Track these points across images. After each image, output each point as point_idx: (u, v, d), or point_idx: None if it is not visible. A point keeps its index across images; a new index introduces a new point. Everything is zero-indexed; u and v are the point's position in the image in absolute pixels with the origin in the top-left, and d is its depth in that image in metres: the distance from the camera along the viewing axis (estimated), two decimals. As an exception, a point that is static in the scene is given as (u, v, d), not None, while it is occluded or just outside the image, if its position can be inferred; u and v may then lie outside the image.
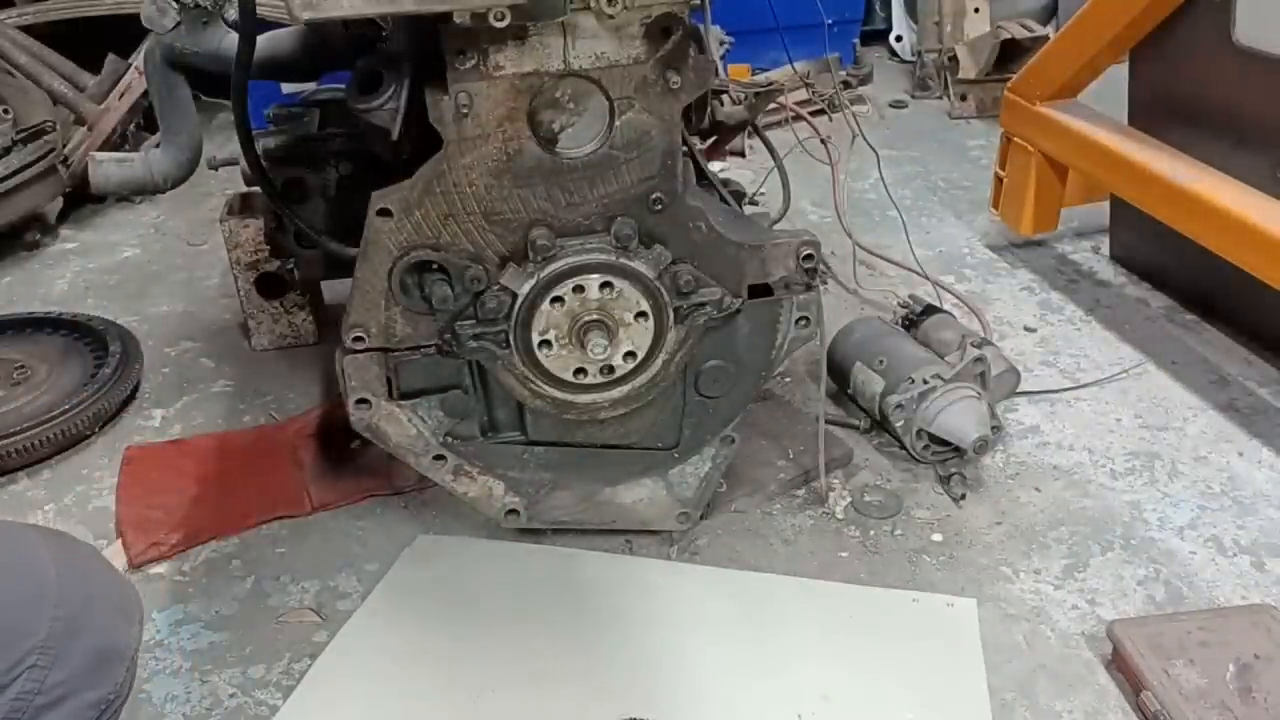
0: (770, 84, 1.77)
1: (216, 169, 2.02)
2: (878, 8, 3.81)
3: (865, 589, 1.44)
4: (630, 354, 1.32)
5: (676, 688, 1.28)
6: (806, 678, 1.29)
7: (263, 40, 1.58)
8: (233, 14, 1.63)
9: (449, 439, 1.39)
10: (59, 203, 2.67)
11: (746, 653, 1.33)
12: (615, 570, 1.47)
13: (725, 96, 1.66)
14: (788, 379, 1.86)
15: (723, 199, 1.44)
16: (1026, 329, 2.07)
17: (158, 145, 1.70)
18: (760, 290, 1.35)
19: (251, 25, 1.27)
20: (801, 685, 1.28)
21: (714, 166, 1.70)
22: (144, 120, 2.86)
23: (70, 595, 0.89)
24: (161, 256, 2.53)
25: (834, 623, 1.38)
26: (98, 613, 0.90)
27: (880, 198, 2.47)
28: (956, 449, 1.62)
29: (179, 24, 1.59)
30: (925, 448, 1.65)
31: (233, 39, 1.60)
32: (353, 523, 1.60)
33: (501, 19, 1.05)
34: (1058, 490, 1.63)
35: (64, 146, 2.63)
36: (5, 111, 2.45)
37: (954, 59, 3.27)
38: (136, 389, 1.93)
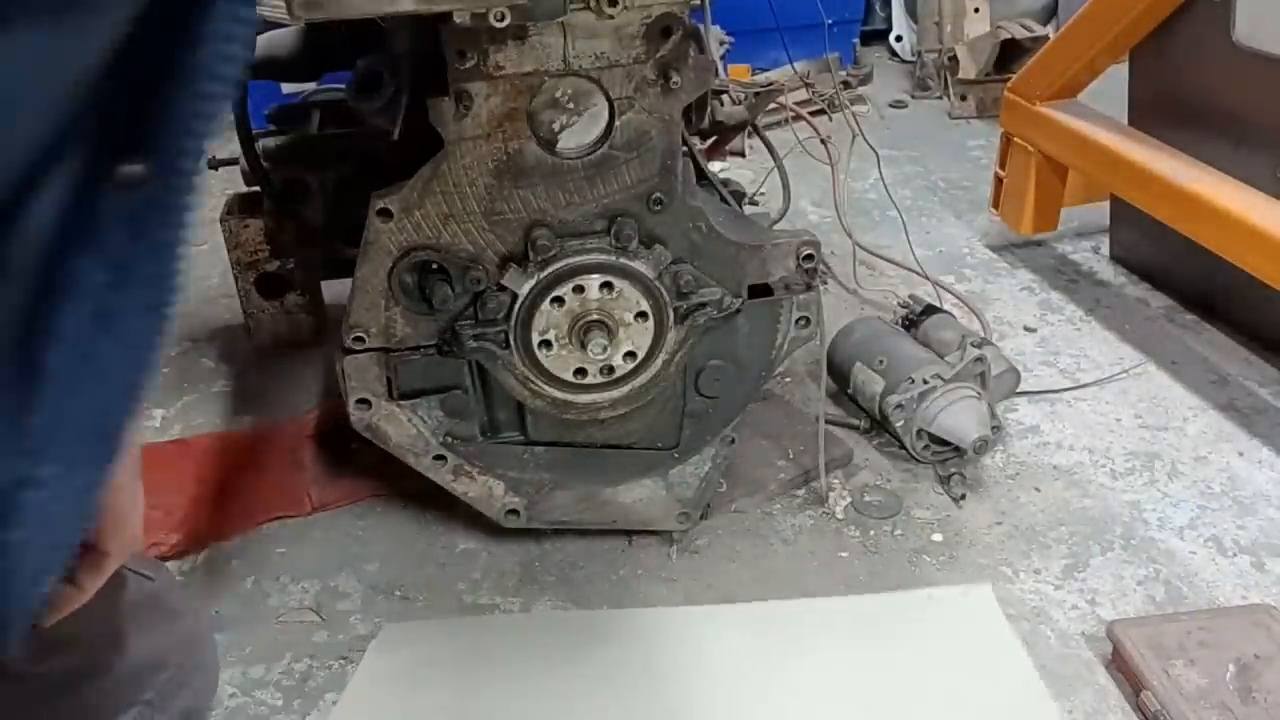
0: (770, 84, 1.77)
1: (216, 169, 2.02)
2: (878, 8, 3.81)
3: (875, 597, 1.40)
4: (630, 354, 1.32)
5: None
6: (854, 701, 1.25)
7: (262, 40, 1.58)
8: (233, 14, 1.63)
9: (449, 439, 1.39)
10: (59, 203, 2.66)
11: (778, 686, 1.27)
12: (604, 626, 1.40)
13: (725, 96, 1.66)
14: (788, 379, 1.86)
15: (723, 199, 1.44)
16: (1026, 329, 2.07)
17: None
18: (760, 290, 1.35)
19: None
20: (850, 709, 1.24)
21: (714, 166, 1.70)
22: (144, 120, 2.85)
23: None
24: (161, 256, 2.53)
25: (857, 638, 1.33)
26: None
27: (880, 198, 2.47)
28: (956, 449, 1.62)
29: (179, 24, 1.59)
30: (925, 448, 1.65)
31: (233, 39, 1.60)
32: (353, 523, 1.60)
33: (501, 19, 1.05)
34: (1058, 490, 1.63)
35: (64, 146, 2.63)
36: (5, 111, 2.44)
37: (954, 59, 3.27)
38: (136, 389, 1.93)
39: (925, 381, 1.63)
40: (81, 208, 0.49)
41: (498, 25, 1.05)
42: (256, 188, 1.74)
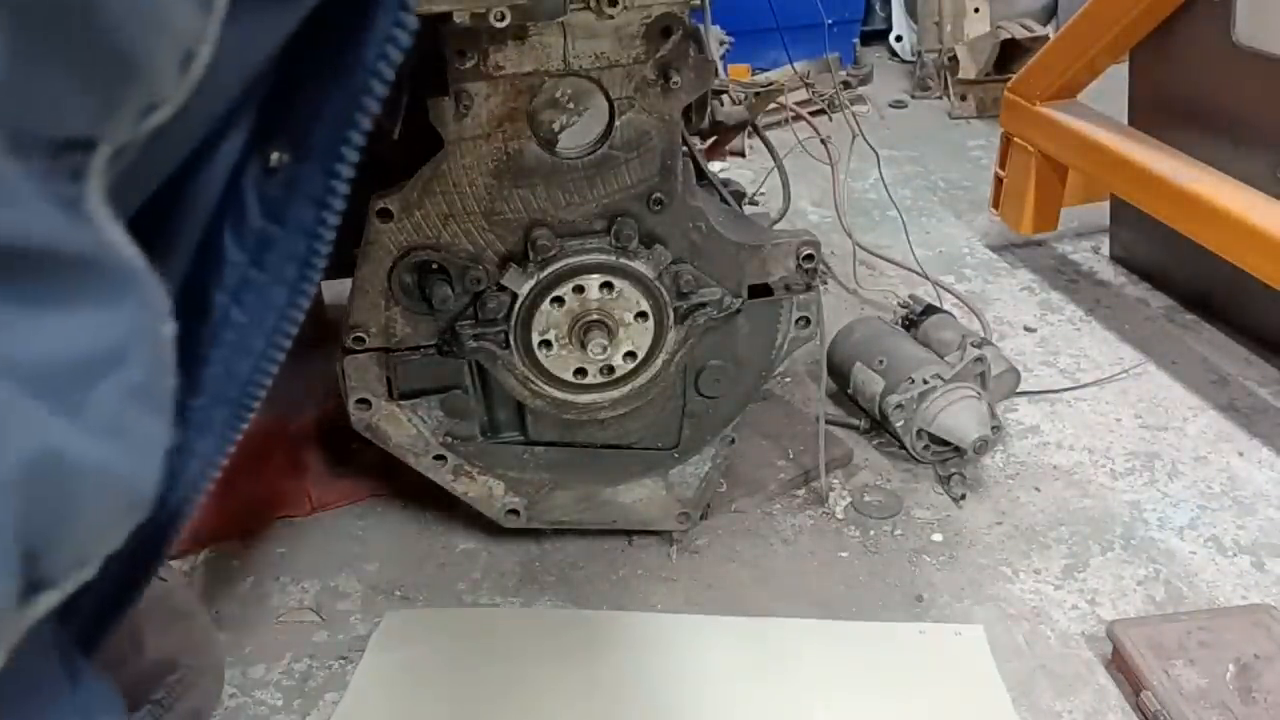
0: (770, 84, 1.77)
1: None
2: (878, 8, 3.82)
3: (869, 625, 1.39)
4: (630, 354, 1.32)
5: None
6: None
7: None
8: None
9: (449, 439, 1.39)
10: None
11: (763, 705, 1.28)
12: (604, 628, 1.40)
13: (725, 96, 1.66)
14: (788, 379, 1.87)
15: (723, 199, 1.44)
16: (1026, 329, 2.07)
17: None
18: (760, 290, 1.35)
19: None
20: None
21: (714, 166, 1.70)
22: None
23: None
24: (161, 256, 2.53)
25: (846, 667, 1.33)
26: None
27: (880, 198, 2.47)
28: (956, 449, 1.62)
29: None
30: (925, 448, 1.65)
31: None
32: (353, 523, 1.60)
33: (501, 19, 1.05)
34: (1058, 490, 1.63)
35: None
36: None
37: (954, 59, 3.27)
38: (136, 389, 1.93)
39: (925, 381, 1.63)
40: (232, 187, 0.52)
41: (498, 25, 1.05)
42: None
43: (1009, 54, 3.12)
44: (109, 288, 0.39)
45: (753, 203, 2.03)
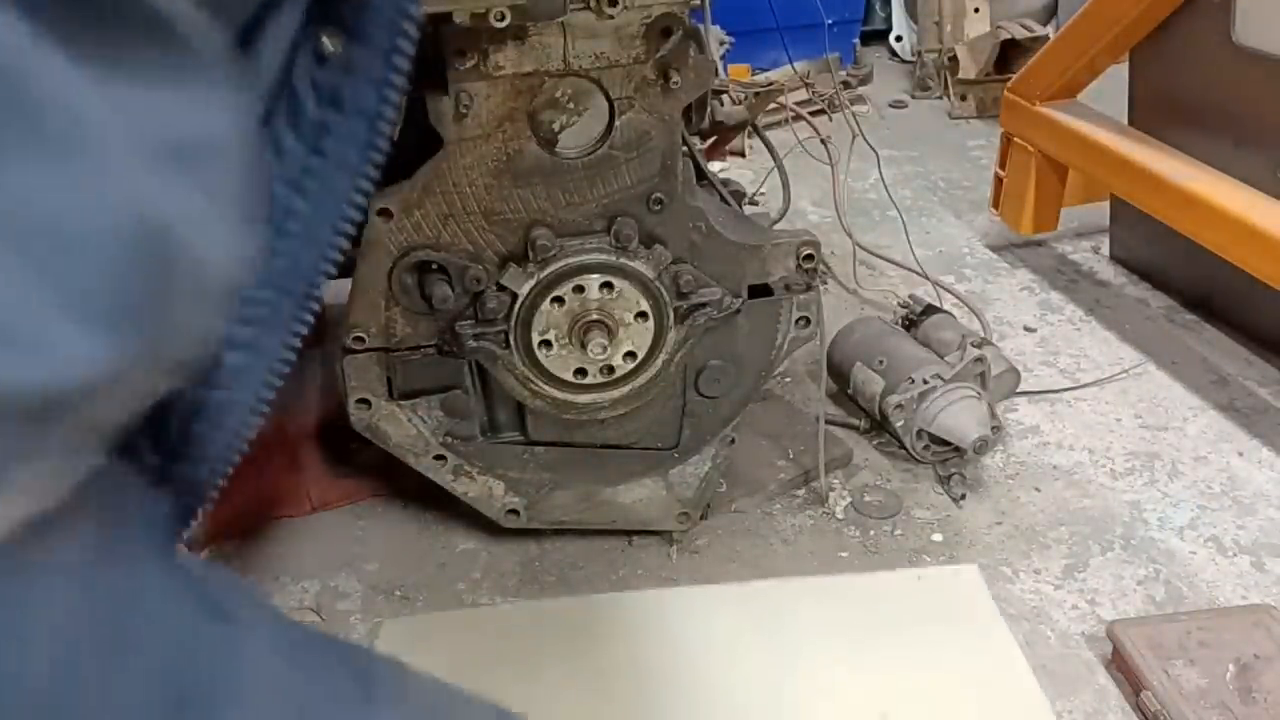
0: (770, 84, 1.77)
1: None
2: (878, 8, 3.81)
3: (867, 576, 1.44)
4: (630, 354, 1.32)
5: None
6: (852, 691, 1.26)
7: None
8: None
9: (449, 439, 1.39)
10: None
11: (770, 664, 1.29)
12: (602, 612, 1.41)
13: (725, 96, 1.66)
14: (788, 379, 1.87)
15: (723, 199, 1.44)
16: (1026, 329, 2.07)
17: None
18: (760, 290, 1.35)
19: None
20: (851, 700, 1.25)
21: (714, 166, 1.70)
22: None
23: None
24: (161, 256, 2.53)
25: (848, 617, 1.36)
26: None
27: (880, 198, 2.47)
28: (956, 449, 1.62)
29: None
30: (925, 448, 1.65)
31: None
32: (353, 522, 1.60)
33: (501, 19, 1.05)
34: (1058, 490, 1.63)
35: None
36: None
37: (954, 59, 3.27)
38: (136, 389, 1.93)
39: (925, 381, 1.63)
40: (285, 72, 0.52)
41: (498, 25, 1.05)
42: (256, 188, 1.74)
43: (1009, 54, 3.11)
44: (214, 79, 0.39)
45: (753, 203, 2.03)
